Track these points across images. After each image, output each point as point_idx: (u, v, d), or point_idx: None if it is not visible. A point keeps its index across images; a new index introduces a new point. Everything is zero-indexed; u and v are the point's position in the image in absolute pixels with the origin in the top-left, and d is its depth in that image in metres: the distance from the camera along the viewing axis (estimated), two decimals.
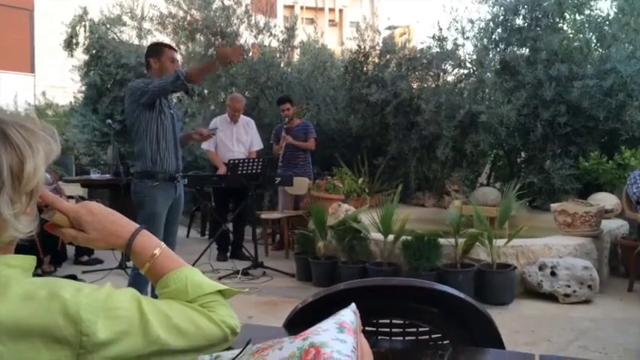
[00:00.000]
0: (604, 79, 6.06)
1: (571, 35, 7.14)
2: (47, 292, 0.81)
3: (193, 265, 1.05)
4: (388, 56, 7.56)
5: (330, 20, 28.27)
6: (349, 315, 0.81)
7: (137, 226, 1.05)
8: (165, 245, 1.06)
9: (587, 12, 7.04)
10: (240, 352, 0.81)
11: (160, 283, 1.02)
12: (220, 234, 6.05)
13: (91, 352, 0.81)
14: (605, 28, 6.75)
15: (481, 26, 7.10)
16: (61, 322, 0.79)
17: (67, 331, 0.79)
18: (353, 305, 0.84)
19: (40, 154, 0.89)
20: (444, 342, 1.30)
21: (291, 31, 8.90)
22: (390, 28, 13.87)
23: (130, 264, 4.81)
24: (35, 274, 0.90)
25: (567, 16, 7.10)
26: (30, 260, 0.91)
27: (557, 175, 6.21)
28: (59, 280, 0.86)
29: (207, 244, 5.82)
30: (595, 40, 6.76)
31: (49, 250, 5.22)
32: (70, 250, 5.86)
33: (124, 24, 10.06)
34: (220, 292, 1.02)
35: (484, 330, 1.29)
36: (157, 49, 3.99)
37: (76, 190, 7.15)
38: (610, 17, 6.95)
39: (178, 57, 7.79)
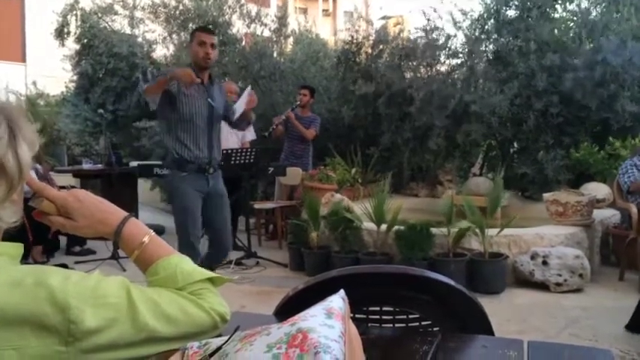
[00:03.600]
0: (595, 70, 6.07)
1: (563, 26, 7.16)
2: (34, 279, 0.81)
3: None
4: (381, 46, 7.54)
5: (323, 10, 28.13)
6: (337, 301, 0.81)
7: (126, 213, 1.04)
8: (154, 233, 1.05)
9: (578, 2, 7.06)
10: (229, 339, 0.81)
11: (150, 271, 1.01)
12: None
13: (79, 339, 0.80)
14: (596, 16, 6.76)
15: (474, 17, 7.10)
16: (48, 310, 0.78)
17: (54, 318, 0.79)
18: (342, 292, 0.84)
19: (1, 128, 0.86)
20: (434, 329, 1.30)
21: (282, 20, 8.86)
22: (383, 18, 13.82)
23: (122, 254, 4.80)
24: (26, 264, 0.90)
25: (558, 7, 7.11)
26: (18, 248, 0.90)
27: (550, 165, 6.24)
28: (47, 268, 0.85)
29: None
30: (586, 31, 6.77)
31: (41, 240, 5.20)
32: (62, 241, 5.85)
33: (116, 13, 9.99)
34: (210, 279, 1.02)
35: (474, 317, 1.30)
36: (190, 35, 3.78)
37: (68, 180, 7.11)
38: (601, 7, 6.97)
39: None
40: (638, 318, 3.44)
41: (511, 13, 6.99)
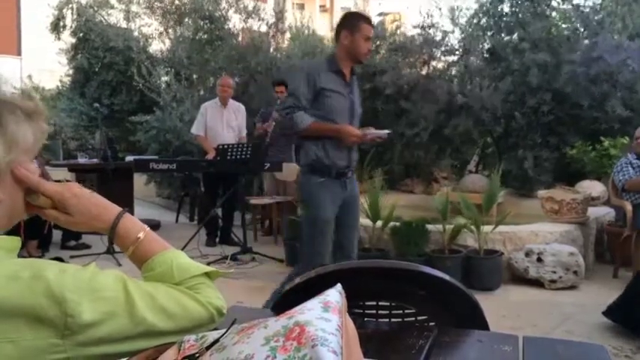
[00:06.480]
0: (590, 66, 6.08)
1: (558, 23, 7.18)
2: (31, 272, 0.80)
3: (182, 250, 1.04)
4: (378, 42, 7.54)
5: (320, 6, 28.07)
6: (334, 295, 0.81)
7: (120, 209, 1.04)
8: (149, 229, 1.05)
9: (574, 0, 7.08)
10: (226, 332, 0.82)
11: (145, 267, 1.01)
12: (209, 219, 6.03)
13: (76, 332, 0.80)
14: (591, 15, 6.78)
15: (470, 13, 7.12)
16: (44, 303, 0.78)
17: (51, 311, 0.79)
18: (338, 285, 0.85)
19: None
20: (430, 324, 1.31)
21: (279, 14, 8.84)
22: (381, 14, 13.80)
23: (117, 248, 4.77)
24: (22, 257, 0.89)
25: (554, 4, 7.13)
26: (14, 241, 0.90)
27: (540, 162, 6.28)
28: (43, 261, 0.85)
29: (196, 229, 5.81)
30: (582, 29, 6.79)
31: (36, 234, 5.17)
32: (57, 236, 5.82)
33: (112, 7, 9.97)
34: (206, 274, 1.02)
35: (469, 312, 1.30)
36: (353, 21, 3.20)
37: (64, 174, 7.08)
38: (597, 5, 6.99)
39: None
40: (619, 306, 3.49)
41: (506, 9, 7.01)
